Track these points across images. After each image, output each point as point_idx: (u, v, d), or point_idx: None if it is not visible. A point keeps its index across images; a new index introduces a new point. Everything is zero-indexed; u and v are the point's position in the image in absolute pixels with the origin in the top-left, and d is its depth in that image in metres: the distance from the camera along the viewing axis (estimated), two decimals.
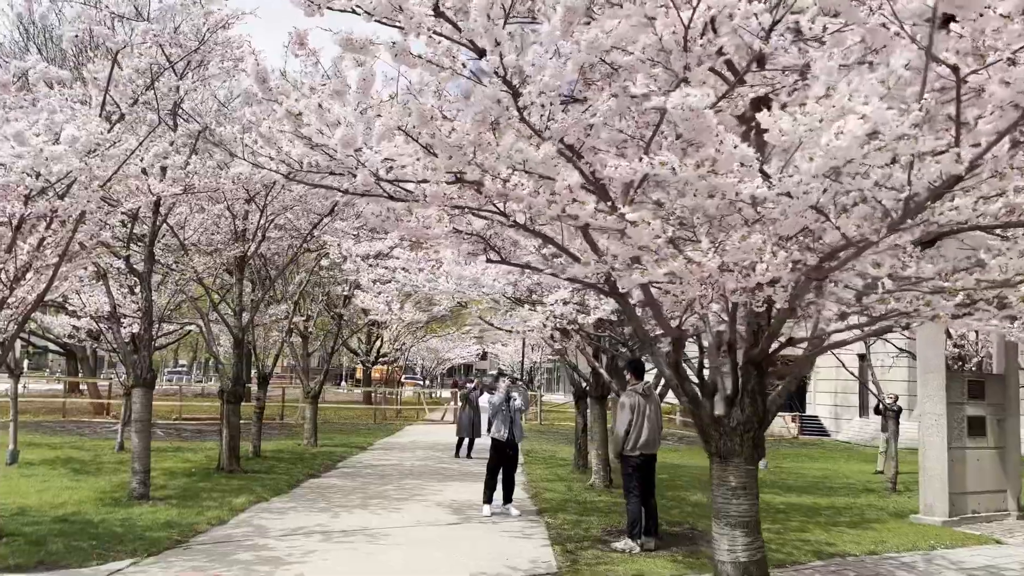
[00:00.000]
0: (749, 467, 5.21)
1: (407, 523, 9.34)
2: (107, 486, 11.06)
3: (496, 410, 10.11)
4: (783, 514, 11.00)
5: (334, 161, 4.76)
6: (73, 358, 29.92)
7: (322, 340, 20.71)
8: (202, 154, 9.48)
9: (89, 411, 26.09)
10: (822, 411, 35.14)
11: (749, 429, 5.20)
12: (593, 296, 8.14)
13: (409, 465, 15.43)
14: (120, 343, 10.50)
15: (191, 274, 11.67)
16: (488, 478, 10.17)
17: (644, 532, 8.34)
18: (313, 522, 9.17)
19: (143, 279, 10.16)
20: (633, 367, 8.64)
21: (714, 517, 5.29)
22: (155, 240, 10.20)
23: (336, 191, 5.06)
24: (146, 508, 9.43)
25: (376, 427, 26.15)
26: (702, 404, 5.33)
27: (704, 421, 5.32)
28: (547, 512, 10.25)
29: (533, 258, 5.47)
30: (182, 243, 11.69)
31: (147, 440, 10.07)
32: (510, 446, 10.17)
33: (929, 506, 11.09)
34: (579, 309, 8.14)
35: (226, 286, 13.48)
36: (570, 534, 8.95)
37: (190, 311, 15.05)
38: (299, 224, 13.24)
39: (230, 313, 12.93)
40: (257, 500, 10.49)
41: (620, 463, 8.58)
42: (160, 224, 10.26)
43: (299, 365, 18.49)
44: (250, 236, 12.36)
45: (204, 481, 11.85)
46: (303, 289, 15.59)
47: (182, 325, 16.09)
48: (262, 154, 4.91)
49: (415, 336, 31.89)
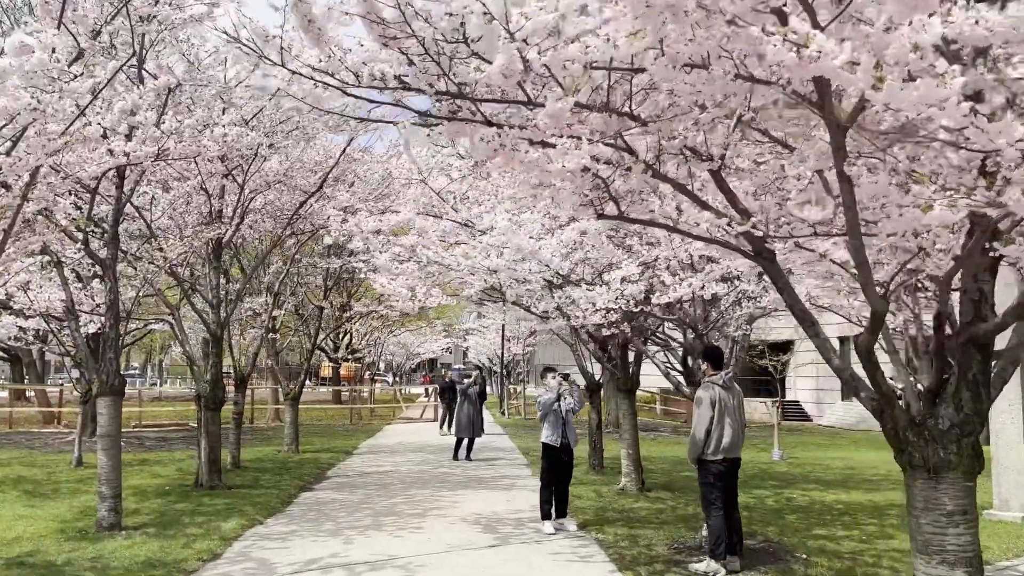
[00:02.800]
0: (968, 484, 3.89)
1: (437, 548, 7.86)
2: (69, 513, 9.38)
3: (547, 410, 8.67)
4: (849, 516, 9.78)
5: (416, 67, 3.29)
6: (18, 363, 27.66)
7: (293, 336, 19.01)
8: (177, 114, 7.84)
9: (38, 421, 24.00)
10: (803, 396, 34.52)
11: (969, 432, 3.86)
12: (668, 275, 6.77)
13: (407, 471, 13.92)
14: (80, 344, 8.81)
15: (160, 263, 10.00)
16: (543, 490, 8.76)
17: (728, 551, 7.02)
18: (326, 551, 7.65)
19: (106, 267, 8.50)
20: (710, 355, 7.28)
21: (918, 552, 3.95)
22: (119, 219, 8.55)
23: (413, 112, 3.58)
24: (120, 541, 7.81)
25: (354, 428, 24.51)
26: (897, 403, 3.98)
27: (900, 424, 3.98)
28: (591, 526, 8.86)
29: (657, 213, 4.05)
30: (149, 226, 10.01)
31: (117, 459, 8.43)
32: (565, 451, 8.76)
33: (1005, 501, 9.99)
34: (649, 288, 6.77)
35: (200, 276, 11.82)
36: (632, 554, 7.58)
37: (157, 305, 13.32)
38: (282, 203, 11.64)
39: (205, 307, 11.27)
40: (250, 523, 8.92)
41: (697, 470, 7.22)
42: (126, 201, 8.60)
43: (275, 364, 16.82)
44: (227, 217, 10.73)
45: (183, 501, 10.21)
46: (283, 279, 13.94)
47: (146, 323, 14.33)
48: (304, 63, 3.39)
49: (388, 330, 30.24)
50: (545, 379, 9.05)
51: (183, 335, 11.07)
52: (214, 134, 7.32)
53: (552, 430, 8.74)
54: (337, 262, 14.93)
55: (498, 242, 6.40)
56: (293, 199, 11.57)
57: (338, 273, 16.57)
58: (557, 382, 8.77)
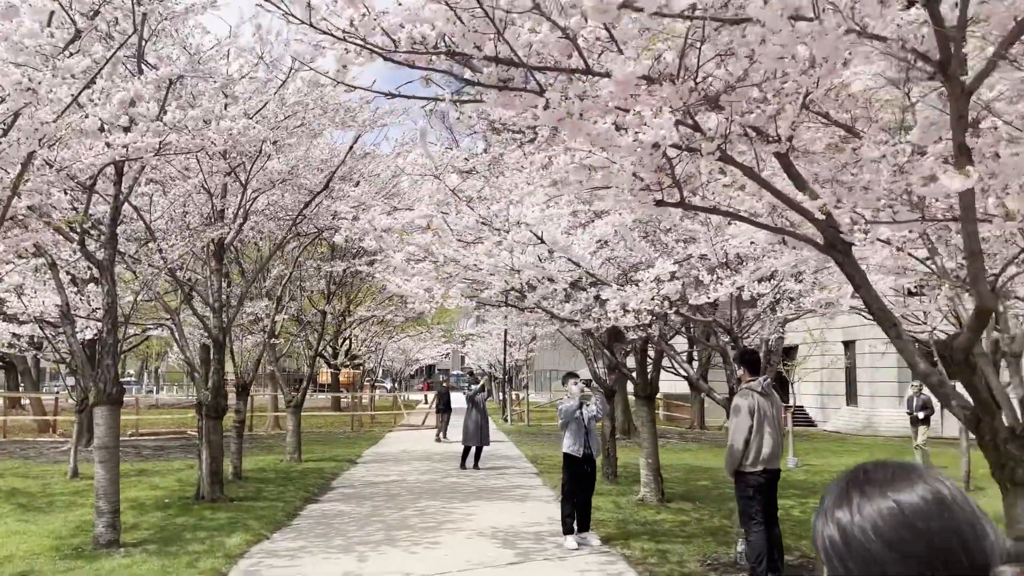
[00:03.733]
0: None
1: (457, 565, 7.41)
2: (64, 528, 8.90)
3: (569, 418, 8.22)
4: None
5: (465, 26, 2.86)
6: (12, 370, 27.13)
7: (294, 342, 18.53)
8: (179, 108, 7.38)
9: (33, 429, 23.45)
10: (808, 401, 34.14)
11: None
12: (706, 274, 6.33)
13: (414, 481, 13.45)
14: (76, 350, 8.35)
15: (160, 265, 9.55)
16: (564, 503, 8.31)
17: (770, 568, 6.58)
18: (339, 570, 7.19)
19: (104, 269, 8.05)
20: (747, 360, 6.84)
21: None
22: (117, 219, 8.10)
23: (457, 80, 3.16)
24: (119, 560, 7.34)
25: (355, 436, 24.02)
26: (998, 412, 3.55)
27: (1000, 436, 3.54)
28: (615, 540, 8.41)
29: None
30: (148, 226, 9.56)
31: (115, 472, 7.97)
32: (588, 462, 8.31)
33: None
34: (689, 285, 6.34)
35: (200, 279, 11.37)
36: (664, 572, 7.14)
37: (155, 310, 12.86)
38: (285, 203, 11.20)
39: (206, 311, 10.81)
40: (256, 539, 8.45)
41: (734, 483, 6.77)
42: (124, 200, 8.15)
43: (277, 370, 16.34)
44: (229, 217, 10.28)
45: (184, 515, 9.73)
46: (285, 283, 13.47)
47: (144, 329, 13.85)
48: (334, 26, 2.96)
49: (389, 335, 29.75)
50: (567, 385, 8.60)
51: (184, 341, 10.61)
52: (219, 127, 6.87)
53: (574, 439, 8.29)
54: (341, 265, 14.47)
55: (524, 238, 5.96)
56: (297, 199, 11.12)
57: (341, 277, 16.11)
58: (579, 388, 8.32)
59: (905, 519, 0.98)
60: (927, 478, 1.02)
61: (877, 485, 1.02)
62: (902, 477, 1.02)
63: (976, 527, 0.98)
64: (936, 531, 0.97)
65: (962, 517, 0.98)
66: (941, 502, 0.98)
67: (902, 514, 0.98)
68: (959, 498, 1.00)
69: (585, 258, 5.90)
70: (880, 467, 1.06)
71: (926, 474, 1.03)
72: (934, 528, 0.97)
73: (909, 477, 1.02)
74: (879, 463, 1.07)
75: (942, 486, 1.00)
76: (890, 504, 0.99)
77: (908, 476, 1.02)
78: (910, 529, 0.97)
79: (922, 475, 1.02)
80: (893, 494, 1.00)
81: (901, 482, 1.02)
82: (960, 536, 0.97)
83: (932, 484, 1.00)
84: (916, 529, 0.97)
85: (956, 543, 0.96)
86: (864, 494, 1.02)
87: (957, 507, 0.98)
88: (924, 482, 1.01)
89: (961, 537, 0.96)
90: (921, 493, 0.99)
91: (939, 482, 1.01)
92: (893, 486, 1.01)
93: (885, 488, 1.01)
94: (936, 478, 1.02)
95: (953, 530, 0.97)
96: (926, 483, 1.01)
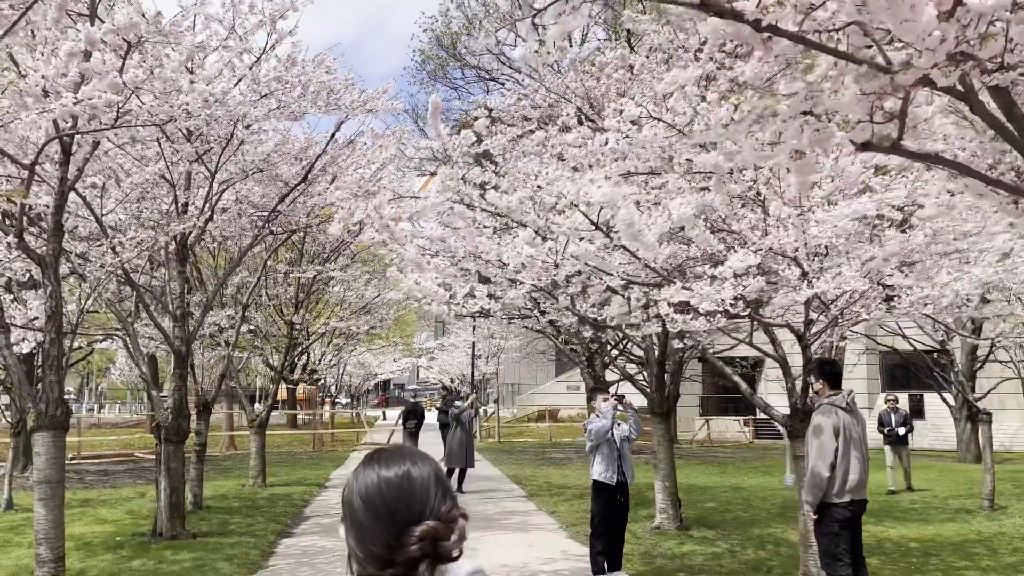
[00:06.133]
0: None
1: None
2: None
3: (600, 440, 7.08)
4: (935, 556, 8.40)
5: None
6: None
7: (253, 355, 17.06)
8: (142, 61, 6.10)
9: None
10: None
11: None
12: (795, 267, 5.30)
13: None
14: (12, 364, 6.95)
15: (113, 265, 8.20)
16: (594, 539, 7.18)
17: None
18: None
19: (47, 266, 6.70)
20: (826, 369, 5.82)
21: None
22: (64, 206, 6.76)
23: None
24: None
25: (317, 455, 22.57)
26: None
27: None
28: None
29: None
30: (99, 220, 8.20)
31: (59, 511, 6.59)
32: (621, 491, 7.18)
33: None
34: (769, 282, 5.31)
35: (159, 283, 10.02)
36: None
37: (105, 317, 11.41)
38: (254, 196, 9.92)
39: (165, 318, 9.44)
40: None
41: (816, 516, 5.72)
42: (71, 184, 6.82)
43: (238, 386, 14.90)
44: (194, 212, 8.97)
45: (140, 556, 8.35)
46: (253, 290, 12.12)
47: (90, 341, 12.34)
48: None
49: (349, 349, 28.25)
50: (595, 401, 7.48)
51: (139, 353, 9.24)
52: (196, 88, 5.64)
53: (606, 465, 7.16)
54: (312, 271, 13.17)
55: (575, 223, 4.85)
56: (271, 192, 9.84)
57: (311, 285, 14.78)
58: (611, 405, 7.20)
59: (378, 486, 1.38)
60: (407, 461, 1.41)
61: (374, 463, 1.43)
62: (391, 459, 1.42)
63: (423, 497, 1.36)
64: (393, 497, 1.36)
65: (418, 489, 1.37)
66: (406, 477, 1.38)
67: (377, 484, 1.38)
68: (424, 478, 1.38)
69: (655, 247, 4.81)
70: (383, 451, 1.47)
71: (409, 458, 1.42)
72: (393, 495, 1.36)
73: (395, 459, 1.42)
74: (385, 448, 1.50)
75: (414, 468, 1.39)
76: (374, 477, 1.39)
77: (394, 458, 1.42)
78: (379, 493, 1.37)
79: (405, 458, 1.42)
80: (379, 469, 1.40)
81: (388, 462, 1.41)
82: (407, 501, 1.36)
83: (406, 466, 1.40)
84: (382, 494, 1.37)
85: (403, 505, 1.35)
86: (366, 468, 1.42)
87: (417, 483, 1.38)
88: (402, 464, 1.40)
89: (408, 501, 1.36)
90: (395, 471, 1.39)
91: (415, 465, 1.40)
92: (382, 464, 1.41)
93: (378, 466, 1.41)
94: (415, 463, 1.41)
95: (406, 498, 1.36)
96: (402, 464, 1.40)
